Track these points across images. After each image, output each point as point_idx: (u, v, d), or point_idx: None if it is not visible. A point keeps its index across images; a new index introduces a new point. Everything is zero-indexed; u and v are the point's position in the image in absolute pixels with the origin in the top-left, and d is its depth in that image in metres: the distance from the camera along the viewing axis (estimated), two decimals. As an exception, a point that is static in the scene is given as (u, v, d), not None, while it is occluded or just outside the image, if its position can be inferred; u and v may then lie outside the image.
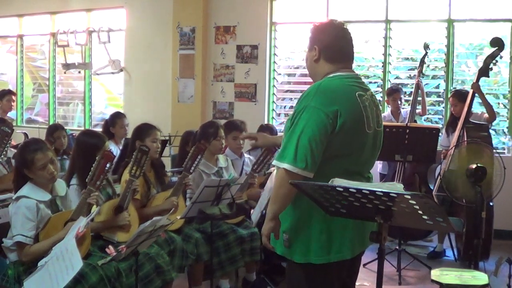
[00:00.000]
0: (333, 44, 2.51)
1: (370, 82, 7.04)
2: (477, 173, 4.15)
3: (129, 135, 5.33)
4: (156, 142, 4.08)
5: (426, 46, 5.88)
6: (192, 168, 4.03)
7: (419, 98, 5.84)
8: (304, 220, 2.44)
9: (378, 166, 5.98)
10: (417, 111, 5.91)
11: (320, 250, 2.41)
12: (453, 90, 5.94)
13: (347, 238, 2.42)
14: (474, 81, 5.15)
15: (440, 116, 6.69)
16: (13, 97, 6.94)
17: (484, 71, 5.10)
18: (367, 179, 2.54)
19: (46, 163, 3.12)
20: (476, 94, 5.15)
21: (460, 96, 5.39)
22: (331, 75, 2.49)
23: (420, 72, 5.87)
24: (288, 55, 7.38)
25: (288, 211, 2.45)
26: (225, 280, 4.25)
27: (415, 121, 5.77)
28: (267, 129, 5.24)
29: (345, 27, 2.57)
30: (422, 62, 5.86)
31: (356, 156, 2.44)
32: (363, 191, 2.01)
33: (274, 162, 2.42)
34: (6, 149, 4.55)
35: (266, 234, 2.47)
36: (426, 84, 6.84)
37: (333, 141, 2.35)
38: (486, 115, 5.34)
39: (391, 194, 1.98)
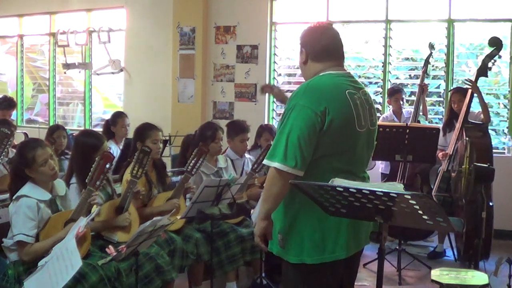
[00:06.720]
0: (317, 44, 2.53)
1: (371, 83, 7.04)
2: (477, 173, 4.16)
3: (129, 135, 5.33)
4: (157, 143, 4.07)
5: (431, 46, 5.84)
6: (194, 170, 4.04)
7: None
8: (297, 220, 2.44)
9: (380, 166, 5.96)
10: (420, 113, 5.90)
11: (314, 250, 2.42)
12: (454, 87, 5.91)
13: (341, 237, 2.42)
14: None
15: (440, 117, 6.67)
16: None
17: (482, 71, 5.09)
18: (362, 178, 2.52)
19: (47, 158, 3.13)
20: (475, 95, 5.14)
21: (464, 91, 5.30)
22: (321, 73, 2.50)
23: (425, 72, 5.85)
24: (288, 55, 7.37)
25: (281, 211, 2.46)
26: (232, 283, 4.22)
27: (418, 121, 5.75)
28: (267, 129, 5.24)
29: (331, 27, 2.61)
30: (427, 62, 5.84)
31: (348, 155, 2.44)
32: (363, 191, 2.01)
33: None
34: (6, 150, 4.55)
35: (259, 234, 2.48)
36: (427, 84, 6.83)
37: (323, 140, 2.36)
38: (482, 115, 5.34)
39: (391, 194, 1.99)
